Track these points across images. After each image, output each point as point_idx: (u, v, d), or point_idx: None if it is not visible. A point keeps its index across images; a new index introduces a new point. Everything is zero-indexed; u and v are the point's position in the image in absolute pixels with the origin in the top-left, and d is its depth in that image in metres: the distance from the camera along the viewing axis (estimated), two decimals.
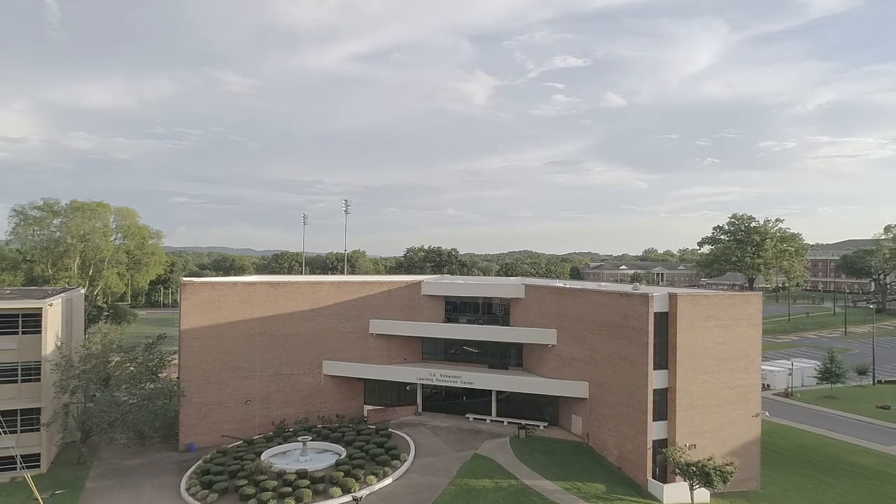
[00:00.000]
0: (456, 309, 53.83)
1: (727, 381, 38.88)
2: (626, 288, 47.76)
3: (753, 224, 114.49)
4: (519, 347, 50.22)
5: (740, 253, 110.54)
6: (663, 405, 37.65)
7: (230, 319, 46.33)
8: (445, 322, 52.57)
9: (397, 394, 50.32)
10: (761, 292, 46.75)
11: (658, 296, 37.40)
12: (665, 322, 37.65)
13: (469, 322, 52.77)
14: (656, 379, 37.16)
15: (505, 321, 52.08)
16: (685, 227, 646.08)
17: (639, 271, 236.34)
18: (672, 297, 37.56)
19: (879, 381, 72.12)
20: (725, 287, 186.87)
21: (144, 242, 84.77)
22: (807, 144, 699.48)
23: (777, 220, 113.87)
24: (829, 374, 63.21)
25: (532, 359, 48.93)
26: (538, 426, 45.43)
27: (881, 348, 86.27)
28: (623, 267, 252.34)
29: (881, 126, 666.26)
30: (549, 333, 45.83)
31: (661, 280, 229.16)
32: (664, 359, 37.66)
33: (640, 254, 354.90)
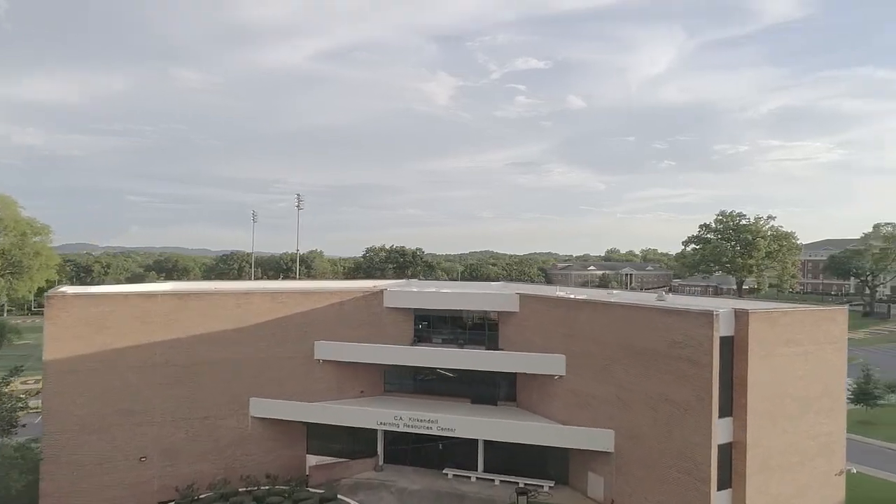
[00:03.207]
0: (428, 323, 42.01)
1: (809, 428, 28.20)
2: (650, 298, 36.91)
3: (743, 222, 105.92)
4: (511, 376, 38.69)
5: (731, 253, 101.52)
6: (726, 467, 26.67)
7: (119, 344, 33.49)
8: (415, 343, 40.51)
9: (351, 439, 38.05)
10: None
11: (724, 313, 26.36)
12: (729, 350, 26.68)
13: (445, 342, 41.05)
14: (720, 431, 26.24)
15: (492, 340, 40.48)
16: (641, 227, 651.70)
17: (607, 272, 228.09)
18: (740, 316, 26.56)
19: None
20: (699, 289, 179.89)
21: (25, 240, 68.24)
22: (759, 148, 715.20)
23: (769, 217, 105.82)
24: (865, 396, 53.63)
25: (530, 392, 37.41)
26: (542, 487, 33.90)
27: (887, 356, 78.80)
28: (591, 267, 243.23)
29: (830, 131, 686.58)
30: (556, 361, 34.31)
31: (631, 281, 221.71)
32: (727, 402, 26.71)
33: (601, 254, 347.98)
